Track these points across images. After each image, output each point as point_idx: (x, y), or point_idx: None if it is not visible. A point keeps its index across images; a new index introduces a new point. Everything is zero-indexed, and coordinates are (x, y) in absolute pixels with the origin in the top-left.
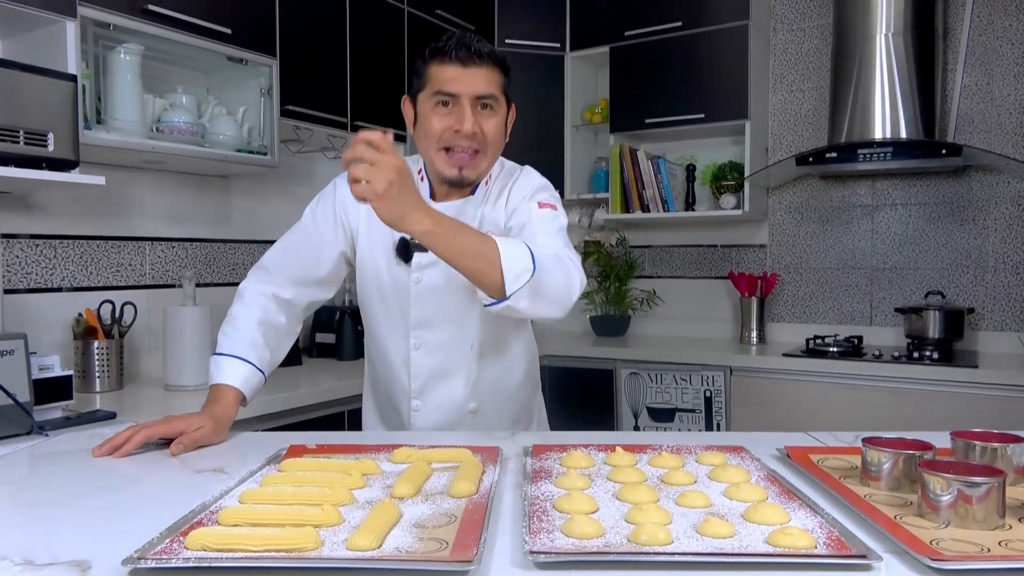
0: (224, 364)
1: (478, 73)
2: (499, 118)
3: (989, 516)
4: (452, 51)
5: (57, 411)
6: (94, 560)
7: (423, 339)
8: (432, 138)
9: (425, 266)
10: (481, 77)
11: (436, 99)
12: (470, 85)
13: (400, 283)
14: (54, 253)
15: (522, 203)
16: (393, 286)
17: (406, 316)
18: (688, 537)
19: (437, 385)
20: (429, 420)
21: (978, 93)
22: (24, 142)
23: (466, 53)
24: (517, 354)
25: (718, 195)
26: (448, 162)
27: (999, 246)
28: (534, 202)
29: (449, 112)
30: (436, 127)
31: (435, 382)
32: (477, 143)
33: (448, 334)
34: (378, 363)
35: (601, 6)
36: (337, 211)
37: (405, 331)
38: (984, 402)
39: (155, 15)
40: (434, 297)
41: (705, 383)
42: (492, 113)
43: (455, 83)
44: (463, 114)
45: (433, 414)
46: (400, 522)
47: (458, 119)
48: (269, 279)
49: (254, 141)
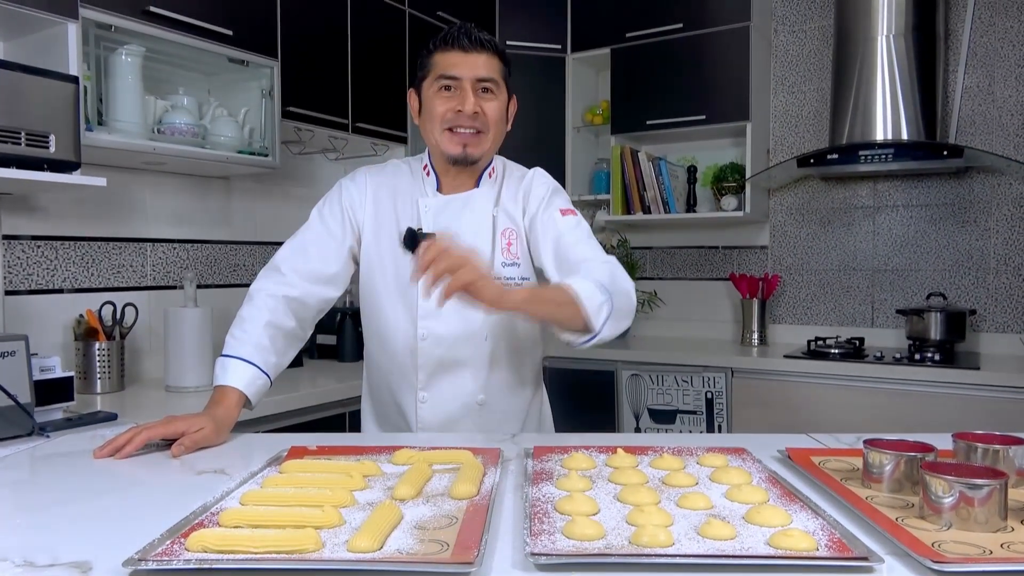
0: (229, 366)
1: (479, 58)
2: (499, 102)
3: (991, 518)
4: (454, 39)
5: (58, 412)
6: (95, 561)
7: (431, 329)
8: (436, 120)
9: None
10: (482, 61)
11: (439, 83)
12: (471, 68)
13: (406, 274)
14: (55, 254)
15: (541, 211)
16: (399, 277)
17: (413, 307)
18: (689, 539)
19: (445, 376)
20: (436, 413)
21: (979, 94)
22: (26, 143)
23: (467, 40)
24: (527, 346)
25: (719, 196)
26: (452, 141)
27: (1001, 247)
28: (556, 210)
29: (452, 96)
30: (440, 109)
31: (443, 373)
32: (479, 123)
33: (456, 325)
34: (382, 359)
35: (602, 7)
36: (344, 208)
37: (412, 322)
38: (986, 404)
39: (156, 17)
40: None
41: (706, 385)
42: (493, 96)
43: (457, 67)
44: (465, 95)
45: (440, 406)
46: (401, 524)
47: (460, 100)
48: (279, 279)
49: (255, 142)
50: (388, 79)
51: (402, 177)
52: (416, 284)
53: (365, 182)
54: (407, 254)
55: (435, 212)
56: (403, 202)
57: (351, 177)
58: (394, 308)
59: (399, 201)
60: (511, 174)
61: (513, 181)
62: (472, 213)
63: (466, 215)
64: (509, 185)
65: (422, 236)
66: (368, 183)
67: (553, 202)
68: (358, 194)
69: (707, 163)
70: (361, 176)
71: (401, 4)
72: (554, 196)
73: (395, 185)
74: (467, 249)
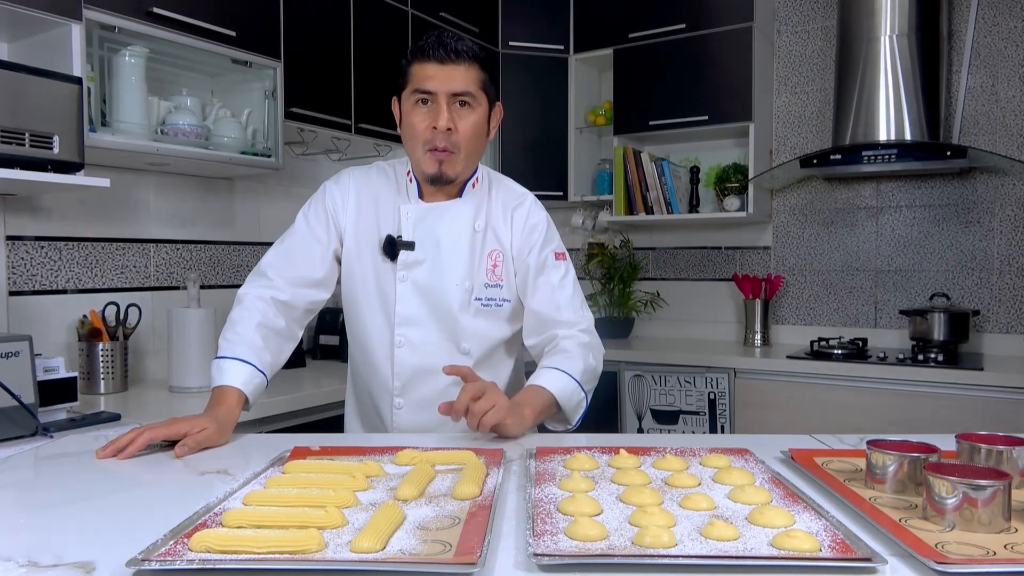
0: (225, 367)
1: (455, 71)
2: (477, 116)
3: (994, 519)
4: (430, 50)
5: (61, 413)
6: (98, 561)
7: (407, 336)
8: (417, 138)
9: (411, 264)
10: (459, 74)
11: (415, 97)
12: (446, 82)
13: (385, 280)
14: (59, 255)
15: (536, 248)
16: (379, 283)
17: (390, 313)
18: (692, 540)
19: (421, 383)
20: (411, 419)
21: (983, 95)
22: (29, 144)
23: (443, 52)
24: (504, 357)
25: (722, 197)
26: (430, 159)
27: (1004, 248)
28: (550, 252)
29: (428, 111)
30: (418, 126)
31: (419, 380)
32: (449, 143)
33: (433, 333)
34: (360, 361)
35: (605, 8)
36: (328, 211)
37: (390, 328)
38: (989, 404)
39: (160, 18)
40: (419, 295)
41: (709, 385)
42: (470, 111)
43: (432, 80)
44: (439, 111)
45: (415, 413)
46: (404, 524)
47: (434, 116)
48: (266, 283)
49: (258, 143)
50: (391, 80)
51: (386, 181)
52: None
53: (348, 185)
54: (387, 261)
55: (416, 220)
56: (385, 208)
57: (335, 179)
58: (372, 313)
59: (381, 206)
60: (502, 191)
61: (505, 202)
62: (452, 223)
63: (446, 225)
64: (498, 202)
65: (402, 245)
66: (351, 186)
67: (550, 242)
68: (341, 198)
69: (710, 163)
70: (345, 178)
71: (404, 5)
72: (550, 234)
73: (378, 189)
74: (490, 386)
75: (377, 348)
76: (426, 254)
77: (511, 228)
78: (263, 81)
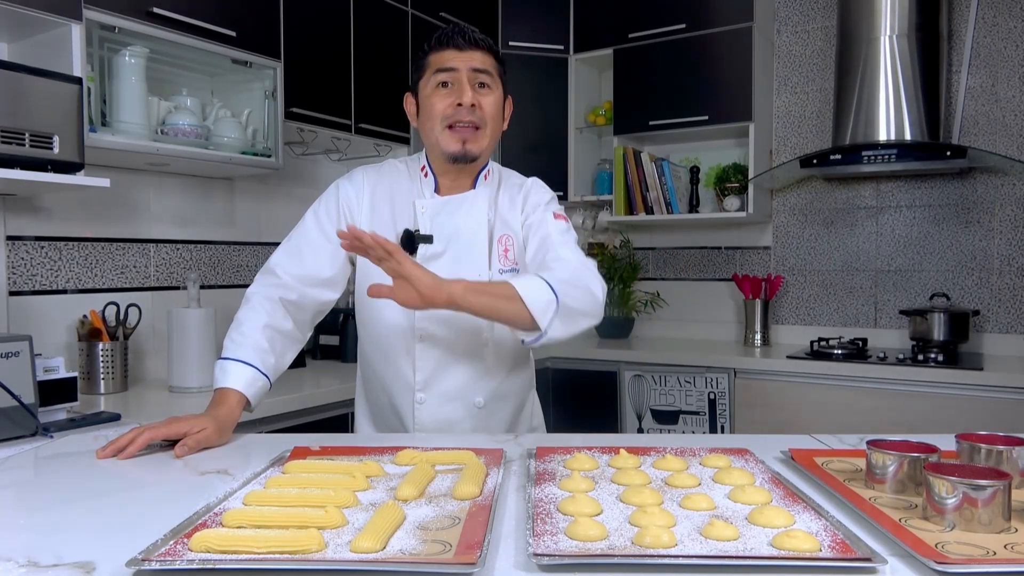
0: (228, 368)
1: (474, 54)
2: (495, 97)
3: (994, 519)
4: (449, 39)
5: (61, 413)
6: (98, 561)
7: (429, 330)
8: (436, 118)
9: (430, 258)
10: (477, 57)
11: (436, 80)
12: (466, 61)
13: None
14: (59, 255)
15: (538, 210)
16: None
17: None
18: (692, 540)
19: (443, 377)
20: (433, 414)
21: (983, 95)
22: (29, 144)
23: (462, 39)
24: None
25: (722, 197)
26: (452, 138)
27: (1004, 248)
28: (549, 213)
29: (450, 91)
30: (438, 106)
31: (441, 373)
32: (476, 117)
33: (454, 325)
34: (377, 360)
35: (605, 8)
36: (341, 208)
37: (410, 322)
38: (989, 405)
39: (160, 18)
40: None
41: (709, 385)
42: (489, 91)
43: (453, 61)
44: (462, 88)
45: (438, 408)
46: (404, 524)
47: (458, 94)
48: (275, 282)
49: (258, 143)
50: (391, 80)
51: (399, 177)
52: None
53: (363, 182)
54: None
55: (432, 213)
56: (400, 203)
57: (348, 177)
58: (391, 308)
59: (396, 202)
60: (508, 180)
61: (511, 188)
62: (469, 214)
63: (463, 216)
64: (507, 191)
65: (420, 238)
66: (365, 183)
67: (549, 207)
68: (355, 195)
69: (710, 163)
70: (359, 176)
71: (404, 5)
72: (551, 202)
73: (392, 186)
74: (395, 249)
75: (397, 343)
76: (445, 246)
77: (518, 209)
78: (263, 81)
